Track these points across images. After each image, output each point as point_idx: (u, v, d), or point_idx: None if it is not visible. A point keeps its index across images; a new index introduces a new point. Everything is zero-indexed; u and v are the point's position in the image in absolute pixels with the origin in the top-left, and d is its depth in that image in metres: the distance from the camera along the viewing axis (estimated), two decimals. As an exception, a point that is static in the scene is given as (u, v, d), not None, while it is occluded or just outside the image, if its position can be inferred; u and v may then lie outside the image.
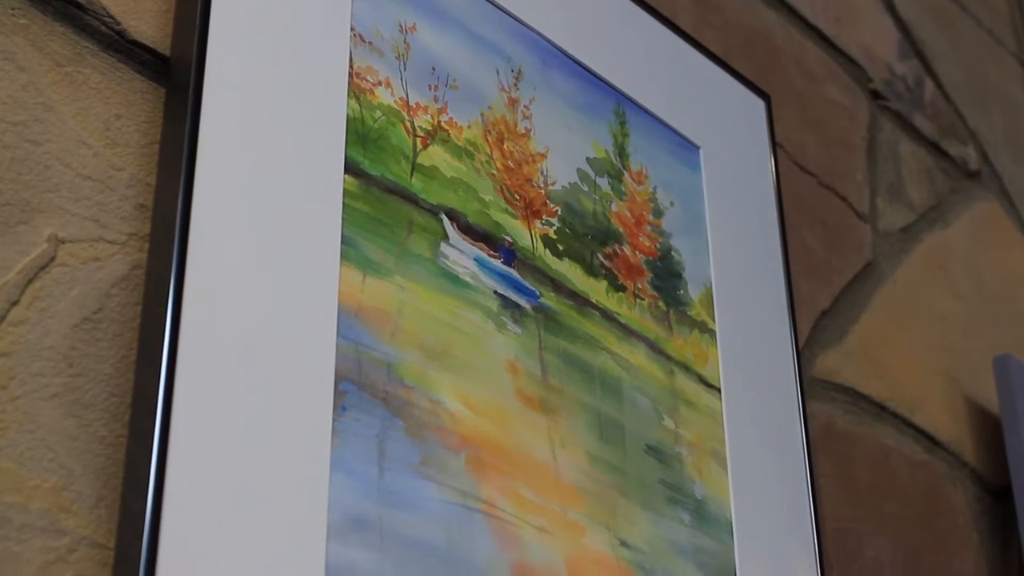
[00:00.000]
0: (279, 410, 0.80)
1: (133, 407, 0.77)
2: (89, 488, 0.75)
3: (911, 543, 1.39)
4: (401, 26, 0.99)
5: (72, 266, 0.78)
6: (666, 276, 1.14)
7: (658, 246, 1.14)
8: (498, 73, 1.05)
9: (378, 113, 0.94)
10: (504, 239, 1.00)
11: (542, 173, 1.06)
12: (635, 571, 0.99)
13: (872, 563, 1.32)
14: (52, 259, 0.77)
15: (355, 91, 0.93)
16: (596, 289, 1.06)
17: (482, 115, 1.03)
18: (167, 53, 0.86)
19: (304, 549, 0.79)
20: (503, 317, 0.97)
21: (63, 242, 0.78)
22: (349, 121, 0.92)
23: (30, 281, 0.76)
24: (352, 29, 0.95)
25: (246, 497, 0.77)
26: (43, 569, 0.71)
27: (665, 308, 1.12)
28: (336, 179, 0.89)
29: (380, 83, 0.95)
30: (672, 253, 1.16)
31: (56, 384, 0.75)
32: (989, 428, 1.58)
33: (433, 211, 0.96)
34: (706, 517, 1.07)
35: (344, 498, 0.82)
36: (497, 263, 0.99)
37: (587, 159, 1.10)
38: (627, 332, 1.07)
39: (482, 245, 0.98)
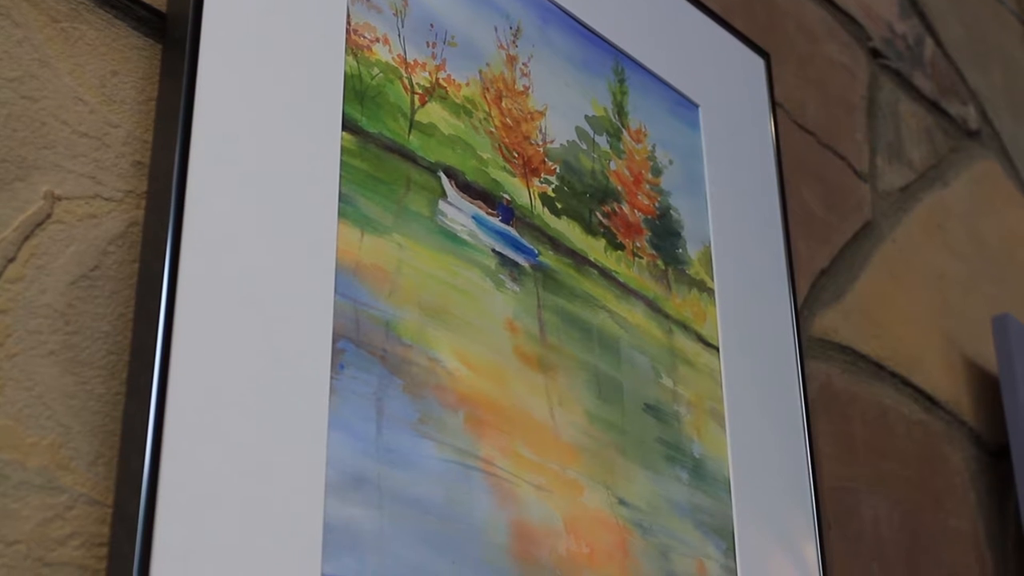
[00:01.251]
0: (277, 368, 0.80)
1: (131, 364, 0.77)
2: (87, 445, 0.74)
3: (909, 502, 1.39)
4: (399, -18, 0.98)
5: (69, 223, 0.78)
6: (665, 235, 1.14)
7: (657, 205, 1.14)
8: (496, 30, 1.05)
9: (376, 70, 0.94)
10: (502, 197, 1.00)
11: (540, 131, 1.05)
12: (633, 529, 0.99)
13: (870, 522, 1.32)
14: (49, 216, 0.77)
15: (353, 48, 0.93)
16: (594, 247, 1.06)
17: (480, 72, 1.02)
18: (163, 9, 0.85)
19: (302, 506, 0.79)
20: (501, 275, 0.97)
21: (60, 199, 0.78)
22: (347, 78, 0.91)
23: (27, 238, 0.76)
24: (350, -15, 0.94)
25: (244, 454, 0.77)
26: (41, 526, 0.71)
27: (664, 267, 1.12)
28: (334, 136, 0.89)
29: (378, 40, 0.95)
30: (671, 212, 1.15)
31: (53, 341, 0.75)
32: (987, 387, 1.58)
33: (431, 169, 0.95)
34: (704, 475, 1.07)
35: (342, 456, 0.82)
36: (495, 221, 0.98)
37: (586, 117, 1.10)
38: (625, 291, 1.07)
39: (480, 203, 0.98)
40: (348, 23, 0.93)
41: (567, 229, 1.04)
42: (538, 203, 1.02)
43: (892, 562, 1.33)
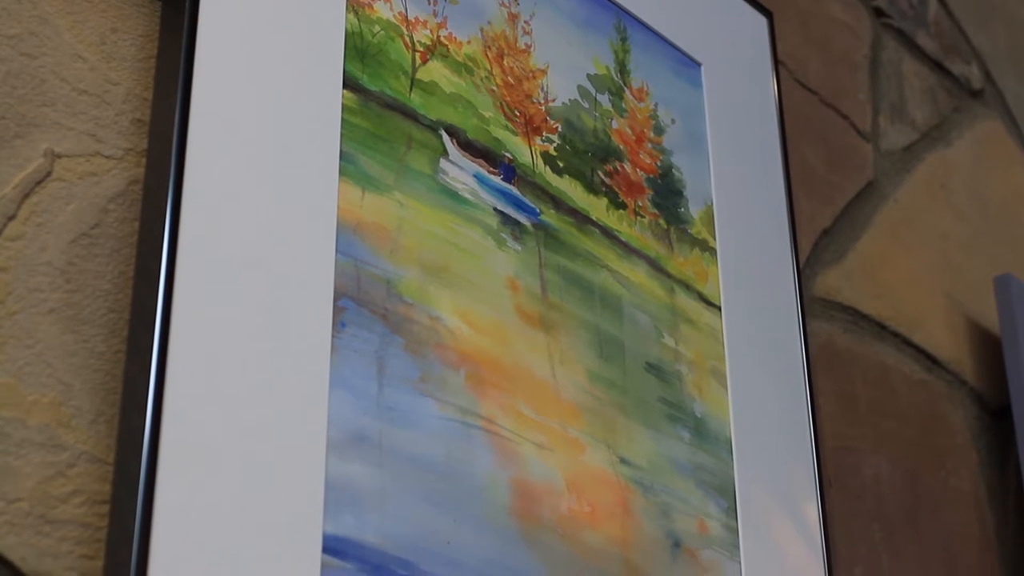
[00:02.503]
0: (278, 326, 0.80)
1: (131, 323, 0.76)
2: (88, 403, 0.74)
3: (910, 461, 1.39)
4: (400, -61, 0.98)
5: (69, 181, 0.78)
6: (667, 194, 1.13)
7: (659, 164, 1.14)
8: (498, -12, 1.04)
9: (377, 28, 0.93)
10: (504, 156, 0.99)
11: (542, 89, 1.05)
12: (634, 488, 0.99)
13: (871, 481, 1.32)
14: (48, 174, 0.77)
15: (353, 5, 0.92)
16: (596, 206, 1.06)
17: (482, 30, 1.02)
18: (163, -34, 0.85)
19: (303, 464, 0.79)
20: (503, 234, 0.97)
21: (59, 157, 0.78)
22: (347, 36, 0.91)
23: (26, 196, 0.76)
24: (350, -58, 0.94)
25: (245, 412, 0.77)
26: (42, 483, 0.71)
27: (666, 226, 1.12)
28: (334, 94, 0.88)
29: (379, -3, 0.94)
30: (673, 171, 1.15)
31: (54, 299, 0.75)
32: (989, 347, 1.58)
33: (432, 127, 0.95)
34: (705, 435, 1.07)
35: (343, 414, 0.82)
36: (497, 180, 0.98)
37: (588, 75, 1.10)
38: (627, 250, 1.07)
39: (482, 162, 0.97)
40: (349, -20, 0.92)
41: (569, 188, 1.04)
42: (540, 162, 1.02)
43: (893, 521, 1.33)
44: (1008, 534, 1.50)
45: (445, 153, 0.95)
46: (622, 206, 1.08)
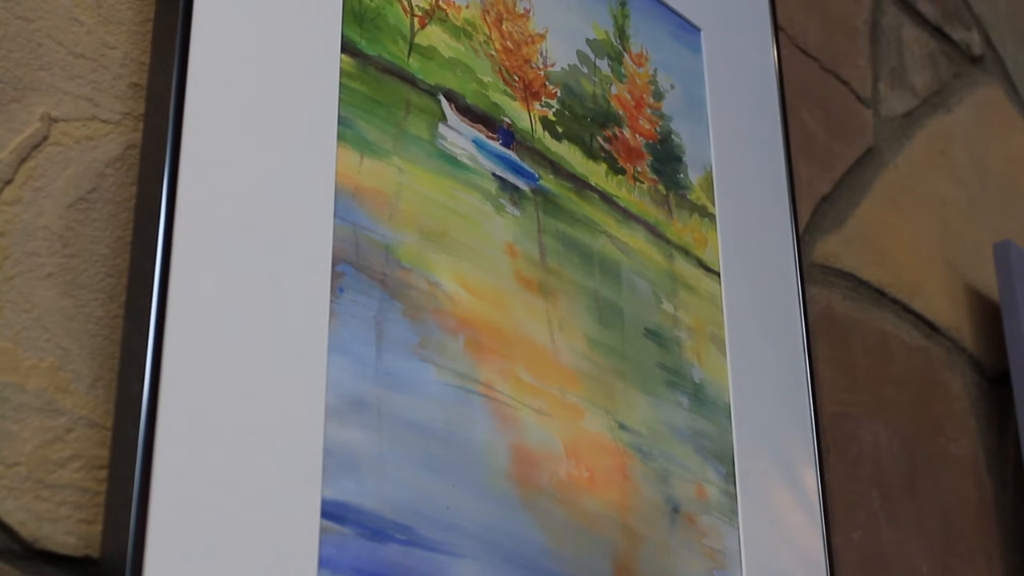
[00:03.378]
0: (276, 291, 0.80)
1: (129, 288, 0.76)
2: (86, 368, 0.74)
3: (909, 428, 1.39)
4: (398, -97, 0.97)
5: (66, 145, 0.77)
6: (666, 159, 1.13)
7: (658, 129, 1.13)
8: (497, -48, 1.04)
9: (375, -8, 0.93)
10: (503, 121, 0.99)
11: (541, 54, 1.05)
12: (633, 453, 0.99)
13: (870, 447, 1.32)
14: (45, 138, 0.77)
15: (351, -31, 0.92)
16: (595, 172, 1.05)
17: (480, -5, 1.01)
18: (160, -71, 0.85)
19: (302, 429, 0.79)
20: (501, 199, 0.97)
21: (56, 121, 0.77)
22: (346, 0, 0.90)
23: (23, 160, 0.75)
24: (348, -94, 0.93)
25: (244, 378, 0.77)
26: (41, 448, 0.71)
27: (665, 192, 1.12)
28: (333, 58, 0.88)
29: (377, -39, 0.94)
30: (672, 136, 1.15)
31: (51, 264, 0.75)
32: (988, 314, 1.58)
33: (431, 92, 0.94)
34: (704, 401, 1.07)
35: (342, 379, 0.82)
36: (495, 145, 0.98)
37: (587, 40, 1.09)
38: (626, 215, 1.07)
39: (480, 127, 0.97)
40: (347, -56, 0.92)
41: (568, 153, 1.03)
42: (539, 127, 1.02)
43: (891, 487, 1.33)
44: (1006, 500, 1.51)
45: (444, 118, 0.95)
46: (621, 171, 1.08)
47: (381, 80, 0.91)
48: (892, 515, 1.32)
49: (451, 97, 0.96)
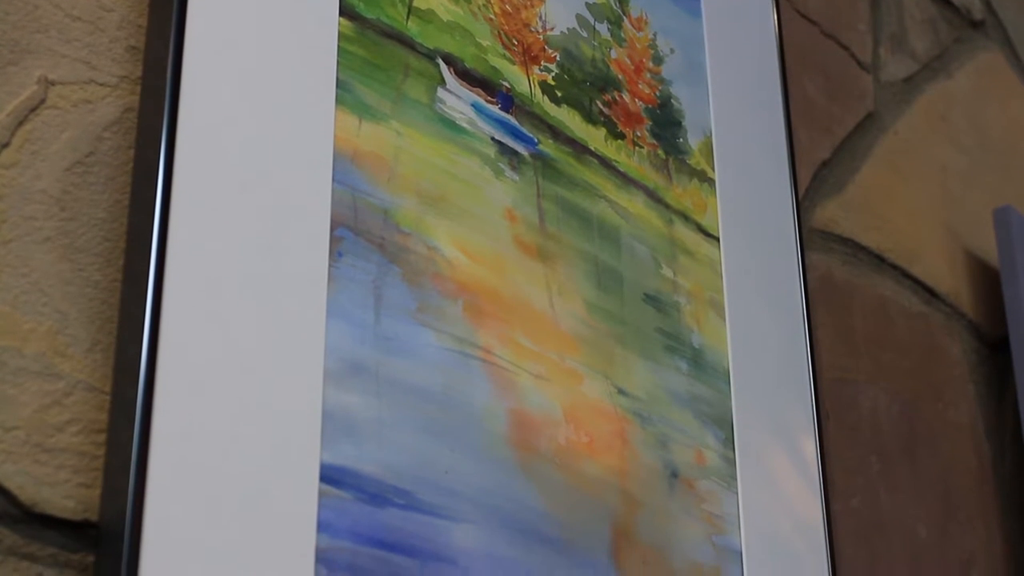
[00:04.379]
0: (274, 255, 0.80)
1: (127, 251, 0.76)
2: (84, 332, 0.74)
3: (907, 394, 1.39)
4: None
5: (63, 108, 0.77)
6: (665, 124, 1.13)
7: (658, 94, 1.13)
8: (496, -85, 1.03)
9: (373, -45, 0.92)
10: (502, 85, 0.99)
11: (540, 18, 1.04)
12: (632, 418, 0.99)
13: (868, 413, 1.32)
14: (42, 101, 0.76)
15: (350, -68, 0.91)
16: (595, 136, 1.05)
17: (479, -42, 1.01)
18: None
19: (301, 393, 0.79)
20: (500, 164, 0.96)
21: (53, 84, 0.77)
22: (344, -38, 0.90)
23: (20, 123, 0.75)
24: None
25: (242, 342, 0.77)
26: (39, 412, 0.71)
27: (664, 156, 1.11)
28: (331, 22, 0.88)
29: (375, -76, 0.93)
30: (672, 101, 1.14)
31: (49, 228, 0.75)
32: (987, 280, 1.57)
33: (430, 56, 0.94)
34: (703, 366, 1.07)
35: (341, 343, 0.82)
36: (495, 109, 0.97)
37: (586, 4, 1.09)
38: (626, 180, 1.06)
39: (479, 91, 0.97)
40: (345, -94, 0.91)
41: (567, 118, 1.03)
42: (538, 91, 1.01)
43: (890, 453, 1.33)
44: (1004, 466, 1.51)
45: (442, 82, 0.94)
46: (620, 136, 1.07)
47: (380, 44, 0.91)
48: (891, 481, 1.32)
49: (450, 61, 0.95)
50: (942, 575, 1.35)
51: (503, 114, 0.98)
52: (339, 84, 0.87)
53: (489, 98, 0.97)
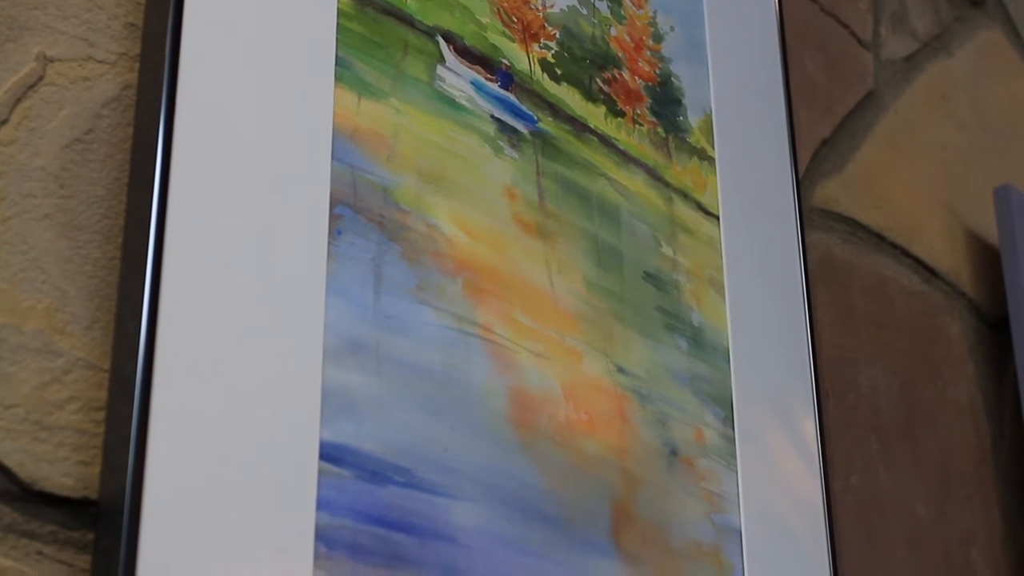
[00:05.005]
0: (274, 233, 0.80)
1: (126, 229, 0.76)
2: (83, 310, 0.74)
3: (907, 372, 1.39)
4: None
5: (61, 86, 0.77)
6: (665, 102, 1.12)
7: (658, 72, 1.13)
8: None
9: (372, -69, 0.92)
10: (501, 62, 0.98)
11: (540, -4, 1.04)
12: (632, 397, 0.99)
13: (868, 392, 1.32)
14: (41, 78, 0.76)
15: (349, -92, 0.91)
16: (594, 114, 1.05)
17: (479, -65, 1.00)
18: None
19: (301, 371, 0.79)
20: (500, 142, 0.96)
21: (52, 61, 0.77)
22: (343, -61, 0.90)
23: (19, 100, 0.75)
24: None
25: (241, 320, 0.76)
26: (38, 389, 0.71)
27: (664, 135, 1.11)
28: (330, -1, 0.87)
29: (374, -100, 0.93)
30: (672, 79, 1.14)
31: (47, 205, 0.74)
32: (987, 259, 1.57)
33: (429, 33, 0.94)
34: (703, 344, 1.07)
35: (340, 322, 0.82)
36: (494, 87, 0.97)
37: (586, -18, 1.08)
38: (626, 158, 1.06)
39: (479, 68, 0.97)
40: None
41: (567, 95, 1.03)
42: (537, 69, 1.01)
43: (890, 432, 1.34)
44: (1004, 445, 1.51)
45: (442, 59, 0.94)
46: (620, 114, 1.07)
47: (379, 21, 0.90)
48: (890, 459, 1.32)
49: (449, 38, 0.95)
50: (941, 554, 1.35)
51: (503, 92, 0.98)
52: (338, 61, 0.87)
53: (489, 76, 0.97)
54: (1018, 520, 1.49)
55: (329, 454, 0.79)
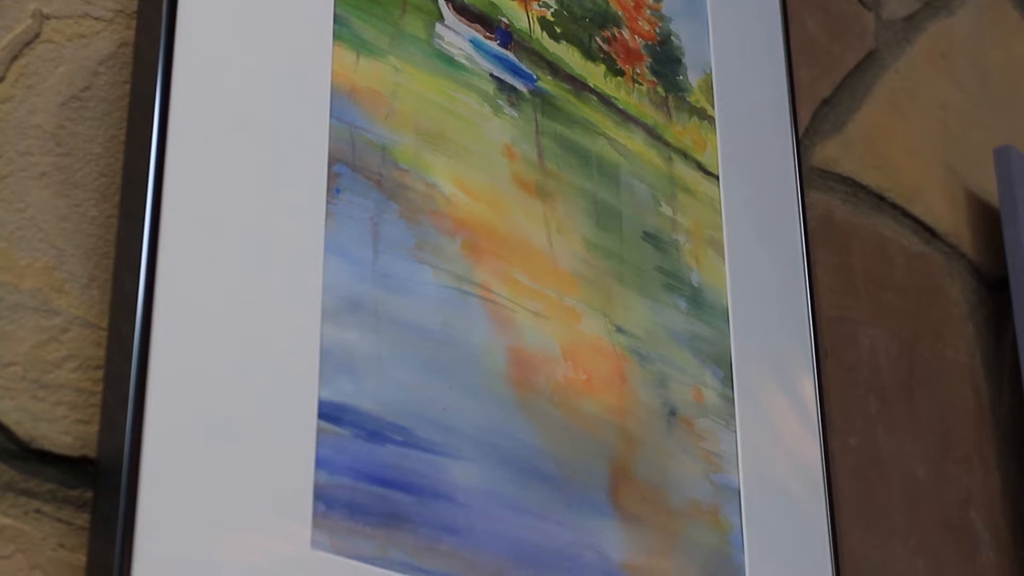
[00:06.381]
0: (272, 192, 0.79)
1: (123, 187, 0.76)
2: (80, 268, 0.74)
3: (906, 333, 1.39)
4: None
5: (58, 43, 0.76)
6: (665, 61, 1.12)
7: (657, 30, 1.12)
8: None
9: None
10: (500, 20, 0.98)
11: (539, -47, 1.03)
12: (631, 357, 0.99)
13: (867, 352, 1.32)
14: (37, 35, 0.76)
15: None
16: (594, 73, 1.04)
17: None
18: None
19: (299, 330, 0.79)
20: (499, 100, 0.96)
21: (48, 18, 0.76)
22: None
23: (15, 58, 0.74)
24: None
25: (240, 278, 0.76)
26: (36, 348, 0.71)
27: (664, 94, 1.11)
28: (328, -44, 0.87)
29: None
30: (672, 38, 1.13)
31: (44, 163, 0.74)
32: (988, 219, 1.57)
33: (428, -9, 0.93)
34: (702, 304, 1.07)
35: (339, 280, 0.81)
36: (493, 45, 0.97)
37: (586, -60, 1.08)
38: (625, 118, 1.06)
39: (478, 26, 0.96)
40: None
41: (566, 54, 1.02)
42: (537, 27, 1.01)
43: (889, 392, 1.33)
44: (1003, 406, 1.51)
45: (440, 17, 0.94)
46: (620, 73, 1.07)
47: (377, -22, 0.90)
48: (889, 420, 1.32)
49: (448, -4, 0.95)
50: (939, 514, 1.35)
51: (502, 50, 0.97)
52: (336, 19, 0.86)
53: (488, 34, 0.97)
54: (1017, 481, 1.49)
55: (328, 413, 0.79)
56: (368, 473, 0.80)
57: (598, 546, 0.92)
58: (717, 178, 1.13)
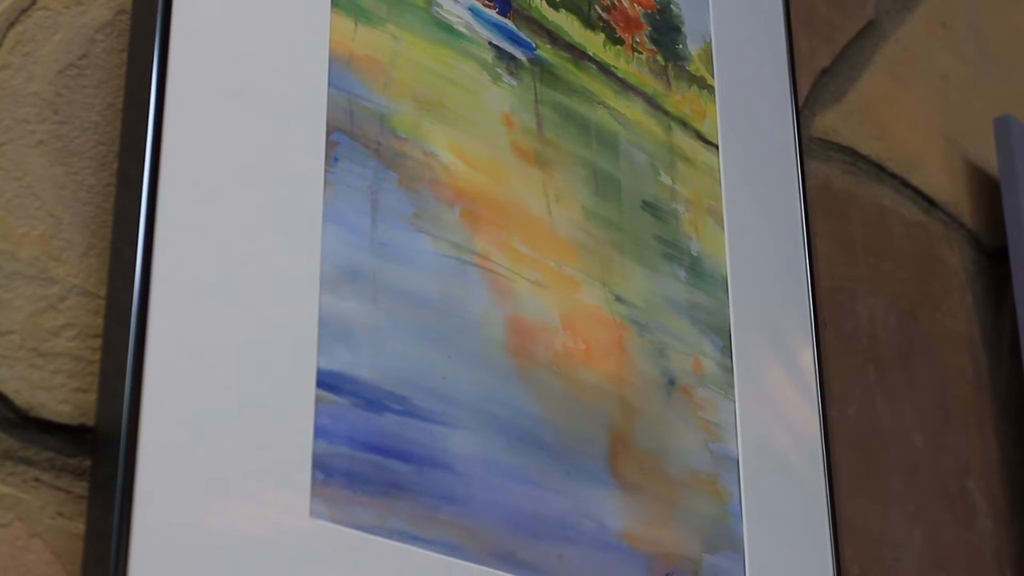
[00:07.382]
0: (270, 159, 0.79)
1: (121, 155, 0.75)
2: (78, 236, 0.74)
3: (905, 303, 1.39)
4: None
5: (55, 10, 0.76)
6: (665, 30, 1.12)
7: (657, -1, 1.12)
8: None
9: None
10: (499, -11, 0.97)
11: (539, -79, 1.03)
12: (629, 326, 0.99)
13: (866, 322, 1.32)
14: (34, 2, 0.75)
15: None
16: (593, 42, 1.04)
17: None
18: None
19: (298, 299, 0.78)
20: (498, 69, 0.95)
21: (45, -15, 0.76)
22: None
23: (12, 25, 0.74)
24: None
25: (237, 245, 0.76)
26: (34, 316, 0.71)
27: (663, 63, 1.10)
28: (326, -77, 0.86)
29: None
30: (671, 6, 1.13)
31: (41, 131, 0.74)
32: (987, 189, 1.57)
33: (426, -42, 0.93)
34: (701, 273, 1.07)
35: (337, 249, 0.81)
36: (492, 13, 0.96)
37: (585, -93, 1.07)
38: (624, 86, 1.05)
39: (477, -6, 0.96)
40: None
41: (565, 22, 1.02)
42: (536, -5, 1.00)
43: (887, 362, 1.34)
44: (1001, 375, 1.51)
45: (439, -15, 0.93)
46: (619, 42, 1.06)
47: (375, -54, 0.89)
48: (887, 390, 1.33)
49: (447, -36, 0.94)
50: (938, 483, 1.35)
51: (501, 18, 0.97)
52: (334, -13, 0.86)
53: (487, 2, 0.96)
54: (1015, 450, 1.49)
55: (326, 382, 0.79)
56: (367, 442, 0.80)
57: (597, 515, 0.92)
58: (716, 147, 1.12)
